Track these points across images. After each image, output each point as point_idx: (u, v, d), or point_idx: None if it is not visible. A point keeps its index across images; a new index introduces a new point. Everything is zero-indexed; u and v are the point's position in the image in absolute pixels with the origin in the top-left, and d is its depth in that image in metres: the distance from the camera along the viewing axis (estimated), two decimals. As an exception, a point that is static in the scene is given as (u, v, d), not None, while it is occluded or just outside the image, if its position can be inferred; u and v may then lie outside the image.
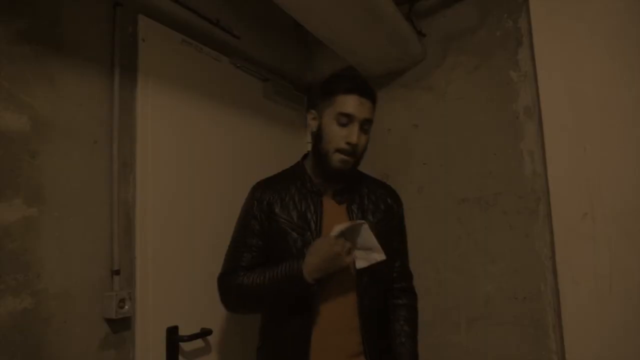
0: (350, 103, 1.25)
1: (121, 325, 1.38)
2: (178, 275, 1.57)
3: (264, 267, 1.27)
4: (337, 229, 1.18)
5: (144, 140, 1.49)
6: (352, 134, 1.24)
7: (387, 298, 1.42)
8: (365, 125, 1.28)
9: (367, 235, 1.22)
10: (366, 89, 1.28)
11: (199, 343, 1.62)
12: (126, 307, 1.35)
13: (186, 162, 1.65)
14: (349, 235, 1.22)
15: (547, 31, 1.65)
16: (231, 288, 1.30)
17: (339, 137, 1.25)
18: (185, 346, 1.56)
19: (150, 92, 1.52)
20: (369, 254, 1.25)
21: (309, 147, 1.41)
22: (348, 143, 1.25)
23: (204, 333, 1.59)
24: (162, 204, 1.54)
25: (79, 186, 1.31)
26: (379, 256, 1.23)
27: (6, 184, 1.14)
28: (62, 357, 1.22)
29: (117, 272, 1.37)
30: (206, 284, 1.48)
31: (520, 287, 1.84)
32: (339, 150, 1.26)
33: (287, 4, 1.57)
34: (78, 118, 1.32)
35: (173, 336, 1.50)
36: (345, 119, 1.25)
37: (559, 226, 1.58)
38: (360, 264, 1.26)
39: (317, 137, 1.31)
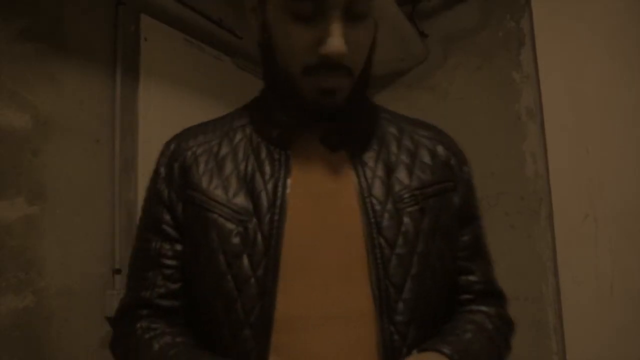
0: None
1: (122, 323, 1.38)
2: (179, 274, 1.56)
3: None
4: None
5: (146, 139, 1.49)
6: (328, 34, 0.57)
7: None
8: (357, 9, 0.59)
9: None
10: None
11: (199, 342, 1.62)
12: (127, 305, 1.35)
13: (188, 162, 1.65)
14: None
15: (549, 31, 1.65)
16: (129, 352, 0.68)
17: (302, 44, 0.59)
18: (186, 345, 1.56)
19: (152, 91, 1.52)
20: None
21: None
22: (323, 55, 0.58)
23: (205, 332, 1.59)
24: (164, 203, 1.54)
25: (81, 184, 1.31)
26: None
27: (8, 182, 1.14)
28: (63, 355, 1.22)
29: (119, 271, 1.37)
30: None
31: (521, 287, 1.83)
32: (307, 71, 0.60)
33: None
34: (80, 116, 1.32)
35: (174, 335, 1.50)
36: (308, 5, 0.57)
37: (561, 227, 1.58)
38: None
39: (266, 48, 0.65)
